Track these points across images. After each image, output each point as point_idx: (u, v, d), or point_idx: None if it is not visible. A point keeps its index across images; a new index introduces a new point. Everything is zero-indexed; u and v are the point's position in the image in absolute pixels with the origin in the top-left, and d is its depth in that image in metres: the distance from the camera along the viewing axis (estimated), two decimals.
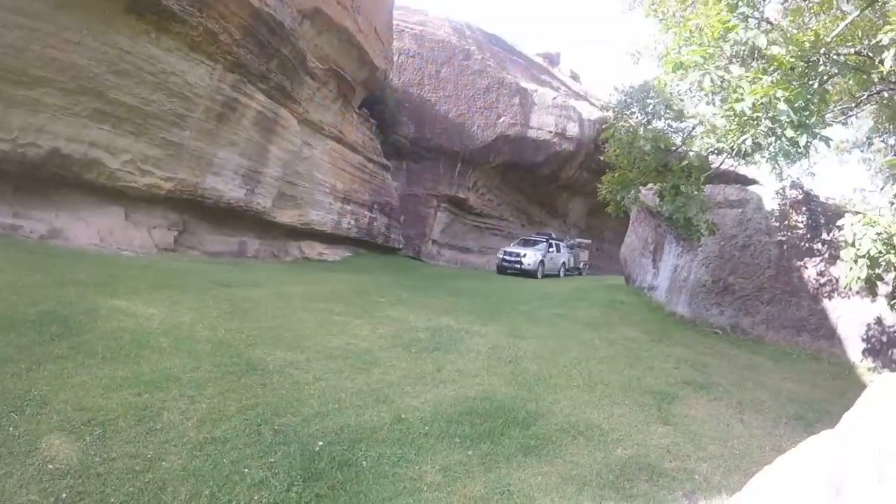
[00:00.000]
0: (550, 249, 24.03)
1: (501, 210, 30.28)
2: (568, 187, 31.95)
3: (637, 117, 10.12)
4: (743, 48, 6.23)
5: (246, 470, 3.51)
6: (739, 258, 11.39)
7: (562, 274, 24.55)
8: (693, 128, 9.43)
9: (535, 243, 24.27)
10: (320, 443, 3.99)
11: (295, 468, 3.61)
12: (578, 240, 31.58)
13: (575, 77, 35.93)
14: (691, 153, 8.48)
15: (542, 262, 22.44)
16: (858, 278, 6.74)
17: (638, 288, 16.24)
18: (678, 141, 9.47)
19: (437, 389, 5.49)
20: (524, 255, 22.33)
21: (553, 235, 26.44)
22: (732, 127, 6.32)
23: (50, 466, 3.14)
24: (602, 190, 10.03)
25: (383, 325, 7.84)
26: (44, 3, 8.78)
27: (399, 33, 23.79)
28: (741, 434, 5.36)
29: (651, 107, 9.64)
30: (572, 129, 27.42)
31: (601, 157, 11.54)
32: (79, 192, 10.67)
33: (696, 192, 8.53)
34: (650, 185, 11.10)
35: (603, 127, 10.92)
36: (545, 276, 22.50)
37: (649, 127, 9.56)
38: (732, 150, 6.73)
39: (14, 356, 4.34)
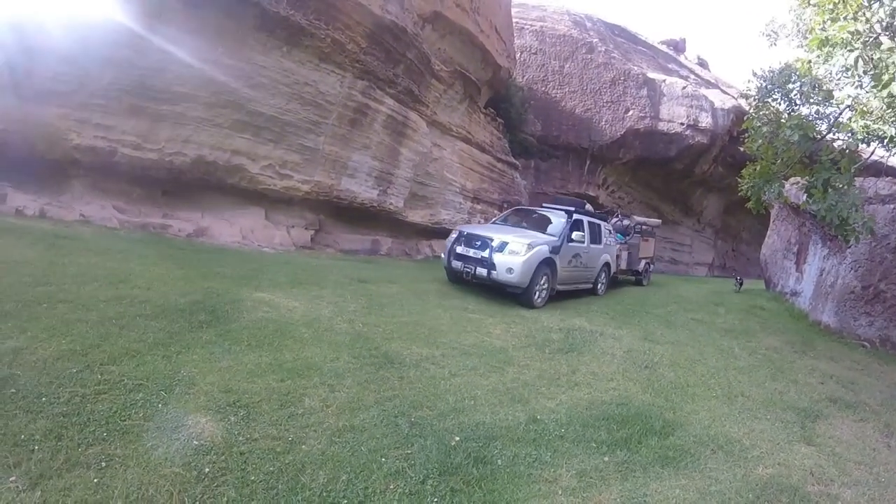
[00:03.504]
0: (575, 235, 10.91)
1: (632, 208, 28.89)
2: (702, 183, 29.98)
3: (779, 104, 9.22)
4: (893, 20, 5.39)
5: (383, 459, 3.50)
6: (892, 262, 9.84)
7: (601, 289, 12.54)
8: (840, 113, 8.36)
9: (537, 221, 11.44)
10: (456, 438, 3.92)
11: (431, 461, 3.56)
12: (637, 218, 18.70)
13: (703, 64, 33.87)
14: (839, 142, 7.47)
15: (547, 263, 9.75)
16: None
17: (779, 293, 14.85)
18: (823, 129, 8.43)
19: (571, 392, 5.38)
20: (498, 248, 9.35)
21: (585, 206, 13.23)
22: (888, 110, 5.52)
23: (195, 443, 3.23)
24: (742, 184, 9.28)
25: (516, 325, 7.78)
26: (177, 29, 9.52)
27: (519, 31, 23.58)
28: (888, 460, 4.85)
29: (794, 91, 8.76)
30: (705, 120, 25.53)
31: (741, 149, 10.67)
32: (222, 194, 11.50)
33: (847, 187, 7.61)
34: (794, 179, 10.00)
35: (745, 118, 10.02)
36: (563, 293, 10.77)
37: (794, 114, 8.67)
38: (884, 137, 5.88)
39: (165, 340, 4.60)
